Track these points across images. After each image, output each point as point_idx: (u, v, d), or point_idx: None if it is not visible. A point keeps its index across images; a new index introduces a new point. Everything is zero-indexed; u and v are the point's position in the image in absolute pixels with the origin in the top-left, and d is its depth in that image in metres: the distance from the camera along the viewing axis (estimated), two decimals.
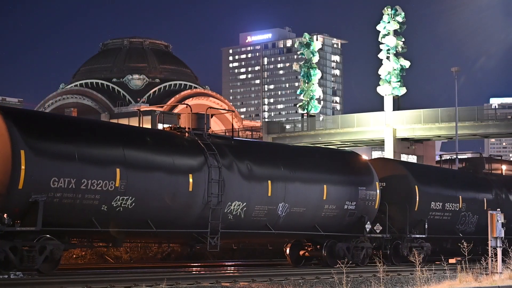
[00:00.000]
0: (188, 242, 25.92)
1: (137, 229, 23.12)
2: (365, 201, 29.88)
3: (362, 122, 75.37)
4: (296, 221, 27.55)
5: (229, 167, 25.27)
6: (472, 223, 36.19)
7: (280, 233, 27.29)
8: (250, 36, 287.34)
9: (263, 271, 24.91)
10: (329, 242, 28.94)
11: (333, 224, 28.94)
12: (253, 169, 26.12)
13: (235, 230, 25.82)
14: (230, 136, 27.48)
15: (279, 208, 26.72)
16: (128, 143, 22.88)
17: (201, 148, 24.72)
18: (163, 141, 24.44)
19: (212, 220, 24.56)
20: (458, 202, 35.24)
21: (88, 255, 31.85)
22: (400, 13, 77.80)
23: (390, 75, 76.52)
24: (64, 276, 21.29)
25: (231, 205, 25.15)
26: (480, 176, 38.74)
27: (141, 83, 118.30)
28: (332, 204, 28.67)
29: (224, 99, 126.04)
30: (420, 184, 32.90)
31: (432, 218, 33.52)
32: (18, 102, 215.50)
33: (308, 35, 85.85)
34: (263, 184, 26.30)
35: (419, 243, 33.03)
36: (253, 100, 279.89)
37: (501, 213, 35.67)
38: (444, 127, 71.29)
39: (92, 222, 21.62)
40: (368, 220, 29.94)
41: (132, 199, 22.29)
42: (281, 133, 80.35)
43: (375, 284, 19.75)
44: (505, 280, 21.66)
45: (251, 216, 25.89)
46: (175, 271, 25.16)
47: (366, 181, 30.25)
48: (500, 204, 37.22)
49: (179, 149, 24.41)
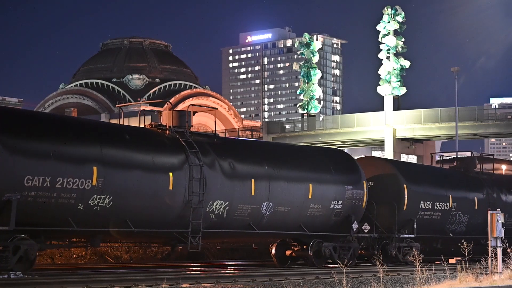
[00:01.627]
0: (169, 242, 25.30)
1: (116, 228, 22.52)
2: (352, 200, 29.25)
3: (362, 122, 75.40)
4: (281, 220, 27.03)
5: (211, 165, 24.70)
6: (463, 223, 35.60)
7: (264, 232, 26.78)
8: (250, 36, 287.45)
9: (263, 271, 24.89)
10: (315, 242, 28.39)
11: (319, 223, 28.40)
12: (236, 167, 25.55)
13: (218, 229, 25.31)
14: (213, 134, 26.60)
15: (263, 207, 26.18)
16: (105, 141, 22.33)
17: (182, 146, 24.18)
18: (142, 139, 23.83)
19: (193, 220, 24.00)
20: (448, 202, 34.60)
21: (88, 255, 31.86)
22: (400, 13, 77.84)
23: (390, 75, 76.55)
24: (64, 276, 21.30)
25: (213, 204, 24.58)
26: (471, 175, 38.03)
27: (141, 83, 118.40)
28: (318, 203, 28.08)
29: (224, 99, 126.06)
30: (409, 183, 32.26)
31: (421, 218, 32.96)
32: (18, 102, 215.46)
33: (308, 35, 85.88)
34: (246, 183, 25.73)
35: (408, 243, 32.40)
36: (253, 100, 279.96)
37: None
38: (444, 127, 71.32)
39: (68, 221, 21.08)
40: (355, 220, 29.39)
41: (110, 198, 21.77)
42: (281, 133, 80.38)
43: (375, 284, 19.74)
44: (505, 280, 21.66)
45: (234, 216, 25.34)
46: (175, 271, 25.13)
47: (353, 179, 29.63)
48: (491, 203, 36.68)
49: (159, 146, 23.84)
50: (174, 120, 25.08)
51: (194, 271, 26.52)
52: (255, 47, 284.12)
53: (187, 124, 25.15)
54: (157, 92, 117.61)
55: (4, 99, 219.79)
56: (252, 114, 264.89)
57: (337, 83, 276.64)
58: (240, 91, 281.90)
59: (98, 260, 31.73)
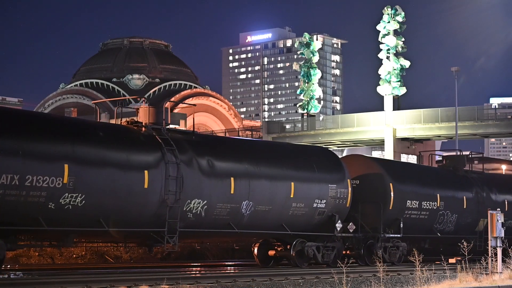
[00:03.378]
0: (146, 242, 24.69)
1: (88, 228, 21.99)
2: (335, 199, 28.73)
3: (362, 122, 75.38)
4: (262, 220, 26.47)
5: (189, 163, 24.15)
6: (451, 222, 34.95)
7: (244, 232, 26.24)
8: (250, 36, 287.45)
9: (263, 271, 24.88)
10: (298, 242, 27.86)
11: (301, 223, 27.85)
12: (215, 165, 24.98)
13: (196, 229, 24.79)
14: (191, 131, 26.02)
15: (243, 206, 25.59)
16: (78, 138, 21.77)
17: (158, 143, 23.65)
18: (117, 136, 23.28)
19: (170, 219, 23.44)
20: (436, 201, 33.90)
21: (88, 255, 31.87)
22: (400, 13, 77.81)
23: (390, 75, 76.53)
24: (64, 276, 21.31)
25: (190, 203, 24.04)
26: (460, 174, 37.35)
27: (141, 83, 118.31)
28: (300, 202, 27.52)
29: (224, 99, 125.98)
30: (395, 182, 31.63)
31: (408, 217, 32.33)
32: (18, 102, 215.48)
33: (308, 35, 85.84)
34: (226, 181, 25.14)
35: (394, 243, 31.85)
36: (253, 100, 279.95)
37: (482, 212, 35.24)
38: (444, 127, 71.31)
39: (38, 220, 20.55)
40: (339, 219, 28.85)
41: (82, 197, 21.21)
42: (281, 133, 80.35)
43: (375, 284, 19.76)
44: (505, 280, 21.67)
45: (212, 215, 24.76)
46: (175, 271, 25.14)
47: (336, 178, 29.08)
48: (481, 202, 36.30)
49: (134, 144, 23.30)
50: (151, 117, 24.58)
51: (194, 271, 26.51)
52: (255, 47, 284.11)
53: (164, 121, 24.63)
54: (157, 92, 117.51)
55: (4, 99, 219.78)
56: (252, 114, 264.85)
57: (337, 83, 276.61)
58: (240, 91, 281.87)
59: (98, 260, 31.74)
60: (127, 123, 24.58)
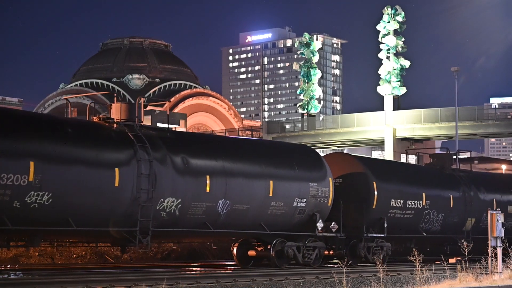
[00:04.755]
0: (118, 242, 24.08)
1: (56, 227, 21.25)
2: (316, 198, 27.93)
3: (362, 122, 75.41)
4: (239, 219, 25.71)
5: (162, 161, 23.45)
6: (437, 222, 34.07)
7: (221, 232, 25.49)
8: (250, 36, 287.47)
9: (263, 271, 24.88)
10: (278, 242, 27.10)
11: (281, 222, 27.10)
12: (190, 162, 24.26)
13: (170, 228, 24.01)
14: (166, 128, 25.29)
15: (219, 205, 24.83)
16: (44, 134, 21.11)
17: (130, 140, 22.95)
18: (86, 133, 22.60)
19: (142, 218, 22.71)
20: (421, 200, 32.97)
21: (88, 255, 31.87)
22: (400, 12, 77.83)
23: (390, 75, 76.55)
24: (64, 276, 21.30)
25: (163, 202, 23.32)
26: (447, 173, 36.34)
27: (141, 83, 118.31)
28: (280, 201, 26.77)
29: (224, 98, 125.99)
30: (378, 180, 30.77)
31: (392, 217, 31.44)
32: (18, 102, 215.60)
33: (308, 35, 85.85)
34: (201, 179, 24.40)
35: (378, 243, 31.04)
36: (253, 100, 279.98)
37: (469, 211, 34.97)
38: (444, 127, 71.33)
39: (2, 219, 19.89)
40: (321, 219, 28.07)
41: (49, 195, 20.55)
42: (281, 133, 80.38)
43: (375, 284, 19.76)
44: (505, 280, 21.67)
45: (187, 214, 24.05)
46: (175, 271, 25.13)
47: (317, 176, 28.27)
48: (468, 202, 35.60)
49: (105, 141, 22.60)
50: (123, 113, 23.90)
51: (194, 271, 26.50)
52: (255, 47, 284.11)
53: (137, 117, 24.00)
54: (157, 92, 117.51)
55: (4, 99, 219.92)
56: (252, 114, 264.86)
57: (337, 83, 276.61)
58: (240, 91, 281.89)
59: (98, 260, 31.73)
60: (99, 119, 23.90)
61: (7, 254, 29.48)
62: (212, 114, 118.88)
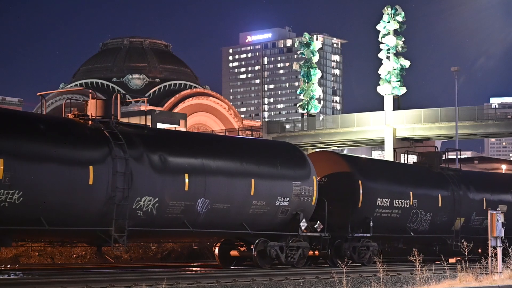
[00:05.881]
0: (94, 242, 23.47)
1: (27, 226, 20.70)
2: (300, 197, 27.28)
3: (362, 122, 75.41)
4: (220, 218, 25.05)
5: (139, 159, 22.82)
6: (425, 221, 33.34)
7: (200, 231, 24.87)
8: (250, 36, 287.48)
9: (263, 271, 24.87)
10: (260, 242, 26.45)
11: (263, 222, 26.45)
12: (168, 160, 23.66)
13: (147, 228, 23.41)
14: (143, 125, 24.54)
15: (198, 204, 24.23)
16: (15, 131, 20.58)
17: (105, 137, 22.33)
18: (59, 130, 22.02)
19: (118, 217, 22.10)
20: (409, 199, 32.23)
21: (88, 255, 31.88)
22: (400, 12, 77.84)
23: (390, 75, 76.55)
24: (64, 276, 21.31)
25: (140, 201, 22.71)
26: (435, 171, 35.48)
27: (141, 83, 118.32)
28: (262, 200, 26.11)
29: (224, 98, 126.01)
30: (364, 179, 30.08)
31: (378, 216, 30.67)
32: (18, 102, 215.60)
33: (308, 35, 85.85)
34: (179, 178, 23.82)
35: (364, 243, 30.34)
36: (253, 99, 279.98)
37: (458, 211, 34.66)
38: (444, 127, 71.34)
39: None
40: (304, 218, 27.44)
41: (20, 194, 19.97)
42: (281, 133, 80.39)
43: (375, 284, 19.75)
44: (505, 280, 21.67)
45: (165, 213, 23.42)
46: (175, 271, 25.13)
47: (301, 175, 27.61)
48: (457, 201, 34.97)
49: (79, 138, 22.01)
50: (99, 109, 23.31)
51: (194, 271, 26.49)
52: (255, 46, 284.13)
53: (113, 114, 23.44)
54: (157, 92, 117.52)
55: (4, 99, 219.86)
56: (252, 114, 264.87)
57: (337, 83, 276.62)
58: (240, 91, 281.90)
59: (98, 260, 31.74)
60: (74, 116, 23.30)
61: (7, 254, 29.50)
62: (212, 114, 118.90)
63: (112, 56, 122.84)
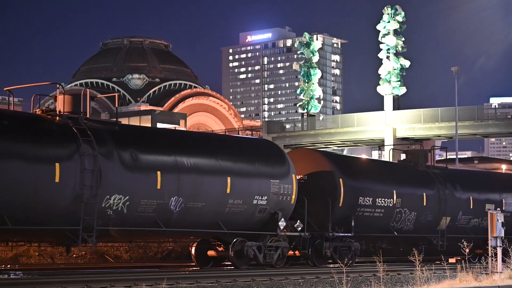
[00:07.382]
0: (62, 242, 22.85)
1: None
2: (278, 195, 26.60)
3: (362, 122, 75.43)
4: (194, 217, 24.38)
5: (108, 156, 22.16)
6: (410, 221, 32.51)
7: (174, 231, 24.30)
8: (250, 36, 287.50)
9: (263, 271, 24.88)
10: (238, 241, 25.79)
11: (240, 221, 25.75)
12: (139, 158, 22.98)
13: (117, 227, 22.72)
14: (114, 121, 23.86)
15: (171, 203, 23.56)
16: None
17: (73, 134, 21.67)
18: (24, 126, 21.26)
19: (86, 216, 21.44)
20: (392, 198, 31.45)
21: (88, 255, 31.87)
22: (400, 12, 77.85)
23: (390, 75, 76.56)
24: (64, 275, 21.31)
25: (110, 199, 22.03)
26: (420, 170, 34.63)
27: (141, 83, 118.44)
28: (238, 199, 25.41)
29: (224, 98, 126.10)
30: (345, 177, 29.31)
31: (360, 215, 29.93)
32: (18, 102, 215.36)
33: (308, 35, 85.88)
34: (151, 175, 23.11)
35: (346, 243, 29.62)
36: (253, 99, 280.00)
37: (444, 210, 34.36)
38: (444, 127, 71.36)
39: None
40: (283, 217, 26.78)
41: None
42: (281, 133, 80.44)
43: (375, 284, 19.75)
44: (505, 280, 21.68)
45: (136, 212, 22.76)
46: (175, 271, 25.12)
47: (279, 173, 26.94)
48: (443, 200, 34.18)
49: (45, 134, 21.34)
50: (67, 105, 22.72)
51: (194, 271, 26.50)
52: (255, 46, 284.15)
53: (82, 111, 22.80)
54: (157, 92, 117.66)
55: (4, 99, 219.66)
56: (252, 114, 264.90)
57: (337, 83, 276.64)
58: (240, 90, 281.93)
59: (98, 260, 31.74)
60: (42, 112, 22.67)
61: (7, 254, 29.49)
62: (212, 114, 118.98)
63: (112, 56, 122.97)
